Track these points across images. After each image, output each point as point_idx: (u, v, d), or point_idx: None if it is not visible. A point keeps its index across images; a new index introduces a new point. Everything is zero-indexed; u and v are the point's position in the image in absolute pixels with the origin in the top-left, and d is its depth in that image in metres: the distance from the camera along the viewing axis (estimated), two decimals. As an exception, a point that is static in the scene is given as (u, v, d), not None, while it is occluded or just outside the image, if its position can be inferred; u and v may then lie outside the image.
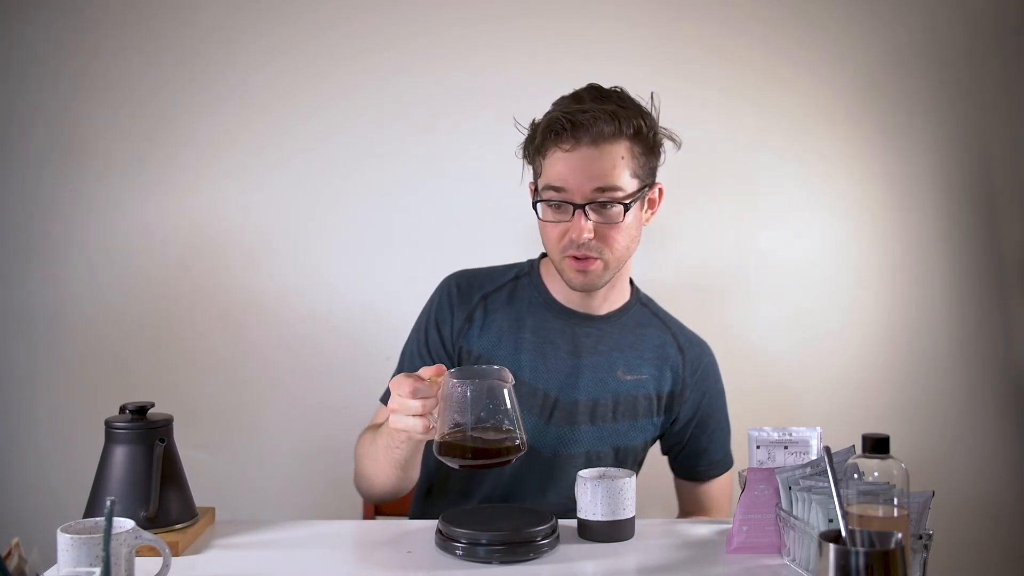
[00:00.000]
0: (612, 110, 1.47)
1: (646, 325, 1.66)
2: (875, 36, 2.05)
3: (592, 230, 1.48)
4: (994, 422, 2.08)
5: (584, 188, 1.46)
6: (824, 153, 2.06)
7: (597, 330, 1.62)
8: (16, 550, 0.94)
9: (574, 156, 1.46)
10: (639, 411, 1.61)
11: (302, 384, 2.02)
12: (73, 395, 1.99)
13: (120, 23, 1.98)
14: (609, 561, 1.27)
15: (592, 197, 1.47)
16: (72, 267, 2.00)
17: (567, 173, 1.47)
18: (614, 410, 1.59)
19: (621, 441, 1.61)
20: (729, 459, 1.72)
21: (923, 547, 1.14)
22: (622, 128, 1.47)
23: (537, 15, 2.01)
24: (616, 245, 1.51)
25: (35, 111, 1.98)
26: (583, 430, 1.59)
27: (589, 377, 1.59)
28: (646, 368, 1.62)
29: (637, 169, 1.50)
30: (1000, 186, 2.07)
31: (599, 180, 1.46)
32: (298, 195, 2.02)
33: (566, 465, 1.58)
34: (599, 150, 1.46)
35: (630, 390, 1.60)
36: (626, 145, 1.48)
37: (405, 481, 1.51)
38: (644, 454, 1.68)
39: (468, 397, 1.20)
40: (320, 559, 1.30)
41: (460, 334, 1.60)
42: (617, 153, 1.47)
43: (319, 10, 2.00)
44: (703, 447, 1.68)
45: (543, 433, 1.57)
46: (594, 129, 1.45)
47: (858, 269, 2.07)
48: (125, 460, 1.30)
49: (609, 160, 1.47)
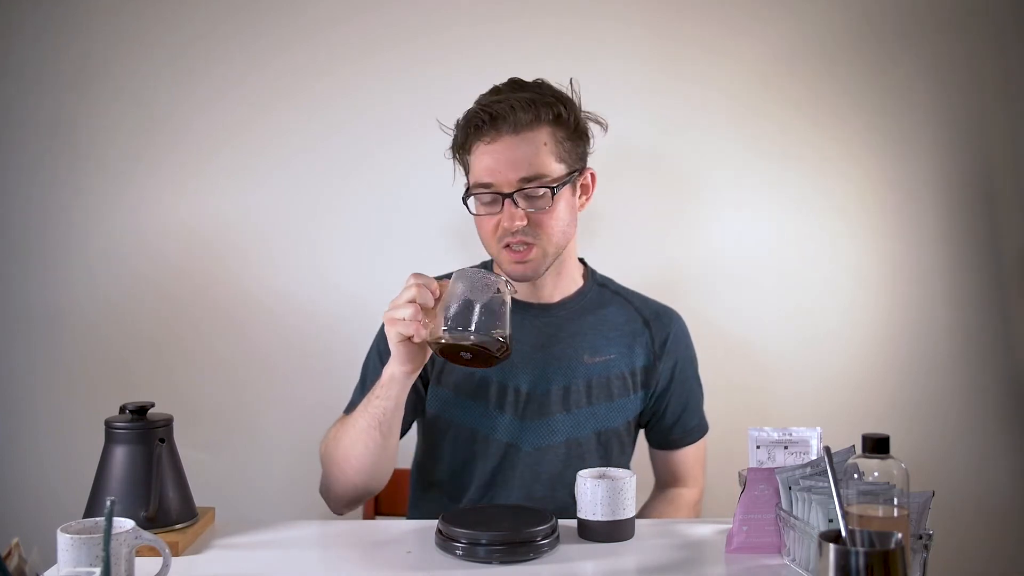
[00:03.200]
0: (529, 98, 1.50)
1: (606, 304, 1.68)
2: (874, 36, 2.04)
3: (523, 218, 1.51)
4: (994, 422, 2.08)
5: (510, 177, 1.50)
6: (824, 153, 2.06)
7: (555, 318, 1.64)
8: (16, 550, 0.94)
9: (496, 147, 1.50)
10: (613, 392, 1.62)
11: (302, 384, 2.02)
12: (73, 395, 1.99)
13: (118, 23, 1.98)
14: (609, 561, 1.27)
15: (519, 185, 1.50)
16: (72, 267, 1.99)
17: (492, 165, 1.50)
18: (587, 394, 1.61)
19: (601, 424, 1.62)
20: (704, 424, 1.74)
21: (923, 547, 1.14)
22: (540, 115, 1.50)
23: (536, 15, 2.01)
24: (549, 231, 1.53)
25: (34, 111, 1.98)
26: (559, 419, 1.60)
27: (555, 366, 1.61)
28: (612, 348, 1.63)
29: (563, 154, 1.53)
30: (1000, 186, 2.07)
31: (524, 168, 1.49)
32: (298, 195, 2.02)
33: (548, 456, 1.60)
34: (520, 138, 1.49)
35: (600, 372, 1.62)
36: (547, 131, 1.51)
37: (383, 455, 1.48)
38: (632, 437, 1.69)
39: (464, 293, 1.31)
40: (320, 559, 1.30)
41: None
42: (539, 140, 1.50)
43: (319, 9, 2.00)
44: (678, 415, 1.69)
45: (520, 429, 1.59)
46: (512, 118, 1.48)
47: (858, 269, 2.07)
48: (125, 460, 1.30)
49: (531, 147, 1.50)
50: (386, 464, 1.51)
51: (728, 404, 1.87)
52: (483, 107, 1.50)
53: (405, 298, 1.35)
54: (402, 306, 1.35)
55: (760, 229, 2.07)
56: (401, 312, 1.35)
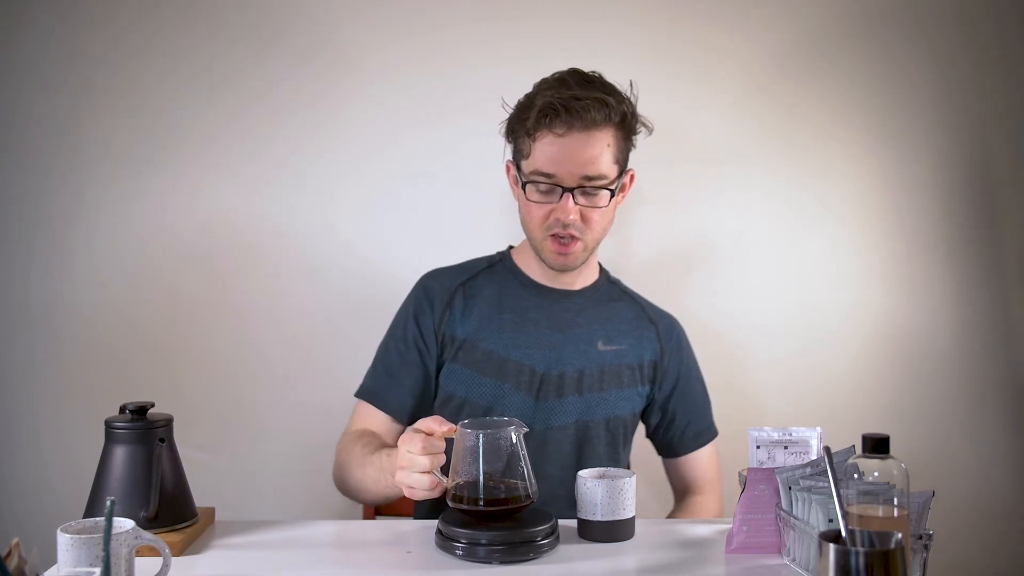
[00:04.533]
0: (602, 97, 1.53)
1: (617, 300, 1.73)
2: (873, 36, 2.04)
3: (578, 212, 1.55)
4: (994, 422, 2.08)
5: (573, 172, 1.53)
6: (824, 154, 2.06)
7: (574, 304, 1.68)
8: (16, 550, 0.94)
9: (566, 141, 1.52)
10: (624, 380, 1.66)
11: (302, 384, 2.02)
12: (73, 395, 1.99)
13: (119, 23, 1.98)
14: (609, 561, 1.27)
15: (580, 182, 1.53)
16: (72, 267, 1.99)
17: (558, 158, 1.53)
18: (600, 379, 1.64)
19: (611, 411, 1.64)
20: (713, 429, 1.76)
21: (923, 547, 1.14)
22: (611, 116, 1.53)
23: (539, 14, 2.02)
24: (597, 227, 1.59)
25: (35, 111, 1.98)
26: (571, 400, 1.63)
27: (572, 349, 1.64)
28: (624, 339, 1.68)
29: (618, 155, 1.57)
30: (1000, 186, 2.07)
31: (588, 166, 1.53)
32: (298, 195, 2.02)
33: (559, 437, 1.62)
34: (589, 136, 1.52)
35: (612, 360, 1.65)
36: (612, 132, 1.55)
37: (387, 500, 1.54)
38: (633, 431, 1.71)
39: (480, 446, 1.26)
40: (320, 559, 1.30)
41: (442, 322, 1.65)
42: (604, 140, 1.54)
43: (321, 7, 2.00)
44: (687, 419, 1.71)
45: (533, 408, 1.61)
46: (587, 116, 1.51)
47: (858, 269, 2.07)
48: (125, 460, 1.30)
49: (598, 147, 1.53)
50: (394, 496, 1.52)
51: (728, 404, 1.87)
52: (560, 99, 1.51)
53: (419, 468, 1.30)
54: (417, 477, 1.30)
55: (760, 229, 2.07)
56: (417, 481, 1.31)
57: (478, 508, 1.26)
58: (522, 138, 1.57)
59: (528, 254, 1.68)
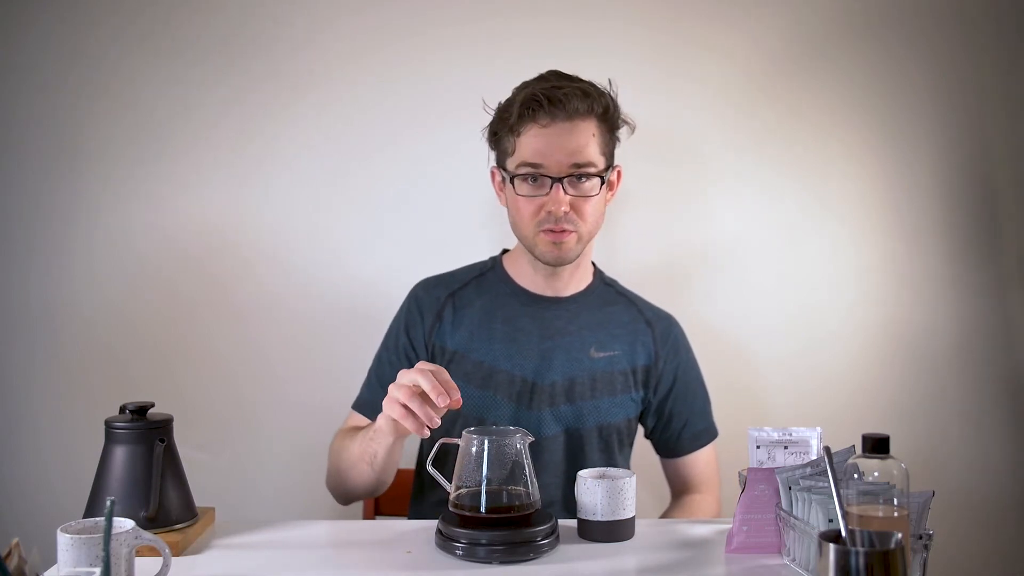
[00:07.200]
0: (583, 87, 1.54)
1: (613, 303, 1.71)
2: (873, 36, 2.04)
3: (568, 203, 1.54)
4: (994, 422, 2.07)
5: (562, 161, 1.53)
6: (824, 154, 2.05)
7: (566, 311, 1.67)
8: (16, 550, 0.94)
9: (551, 131, 1.53)
10: (616, 387, 1.64)
11: (302, 384, 2.02)
12: (73, 395, 1.99)
13: (120, 22, 1.98)
14: (609, 561, 1.27)
15: (569, 171, 1.53)
16: (72, 267, 1.99)
17: (545, 148, 1.53)
18: (592, 387, 1.63)
19: (603, 418, 1.64)
20: (713, 429, 1.75)
21: (923, 547, 1.14)
22: (593, 106, 1.54)
23: (538, 14, 2.01)
24: (588, 219, 1.58)
25: (35, 111, 1.98)
26: (562, 410, 1.62)
27: (562, 358, 1.63)
28: (617, 345, 1.66)
29: (604, 147, 1.58)
30: (1000, 186, 2.07)
31: (576, 155, 1.53)
32: (298, 195, 2.01)
33: (550, 446, 1.62)
34: (573, 125, 1.53)
35: (604, 367, 1.64)
36: (595, 123, 1.55)
37: (377, 482, 1.52)
38: (631, 436, 1.70)
39: (486, 452, 1.27)
40: (320, 559, 1.30)
41: (432, 333, 1.65)
42: (589, 130, 1.54)
43: (323, 5, 2.00)
44: (685, 419, 1.71)
45: (524, 418, 1.61)
46: (569, 106, 1.52)
47: (858, 269, 2.07)
48: (125, 460, 1.30)
49: (583, 135, 1.53)
50: (384, 481, 1.54)
51: (728, 404, 1.87)
52: (542, 90, 1.52)
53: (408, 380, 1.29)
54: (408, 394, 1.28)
55: (760, 230, 2.06)
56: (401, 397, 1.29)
57: (479, 515, 1.26)
58: (506, 137, 1.57)
59: (520, 260, 1.67)
